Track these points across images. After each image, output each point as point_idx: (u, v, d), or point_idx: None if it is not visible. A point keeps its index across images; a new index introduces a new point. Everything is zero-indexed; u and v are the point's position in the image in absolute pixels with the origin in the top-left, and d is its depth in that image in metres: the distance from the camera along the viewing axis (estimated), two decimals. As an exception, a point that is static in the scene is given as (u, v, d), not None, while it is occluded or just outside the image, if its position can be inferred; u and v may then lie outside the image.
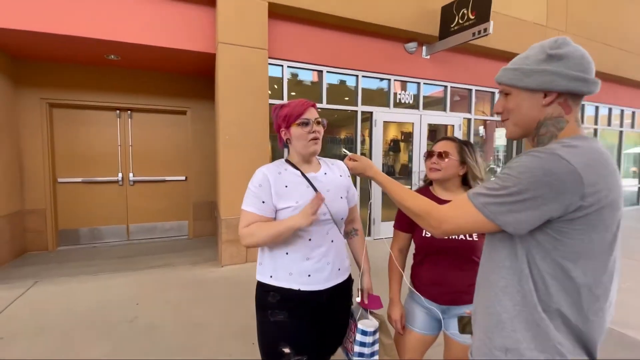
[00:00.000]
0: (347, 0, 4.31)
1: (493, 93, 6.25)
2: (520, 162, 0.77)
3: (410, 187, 1.13)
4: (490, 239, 0.90)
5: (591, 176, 0.71)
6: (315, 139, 1.30)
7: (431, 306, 1.44)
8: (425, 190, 1.53)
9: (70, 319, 2.69)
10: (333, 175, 1.41)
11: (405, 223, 1.51)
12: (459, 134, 5.89)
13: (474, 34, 4.47)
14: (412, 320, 1.49)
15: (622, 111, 8.38)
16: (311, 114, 1.31)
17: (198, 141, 5.21)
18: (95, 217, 4.89)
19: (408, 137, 5.74)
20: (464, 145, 1.44)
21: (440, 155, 1.43)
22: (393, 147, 5.83)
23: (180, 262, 4.08)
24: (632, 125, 8.71)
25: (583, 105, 7.08)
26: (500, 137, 6.58)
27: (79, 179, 4.78)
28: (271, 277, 1.29)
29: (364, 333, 1.31)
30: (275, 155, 4.59)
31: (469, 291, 1.39)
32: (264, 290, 1.31)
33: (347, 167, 1.26)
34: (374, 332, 1.34)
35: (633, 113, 8.60)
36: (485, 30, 4.32)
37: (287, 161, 1.37)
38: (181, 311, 2.86)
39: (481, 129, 6.13)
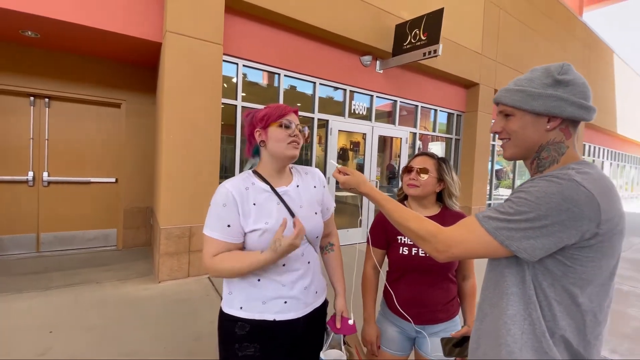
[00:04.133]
0: (308, 6, 4.24)
1: (436, 110, 6.70)
2: (538, 186, 0.74)
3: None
4: (495, 264, 0.87)
5: (606, 203, 0.71)
6: (296, 143, 1.16)
7: (407, 326, 1.39)
8: None
9: (-48, 358, 2.10)
10: (306, 186, 1.26)
11: (380, 239, 1.46)
12: (405, 147, 6.18)
13: (424, 54, 4.72)
14: (385, 340, 1.44)
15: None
16: (293, 119, 1.17)
17: (133, 139, 4.62)
18: (-6, 224, 4.02)
19: (356, 146, 5.86)
20: (441, 162, 1.44)
21: (419, 171, 1.40)
22: (342, 156, 5.89)
23: (106, 278, 3.52)
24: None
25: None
26: (431, 151, 7.04)
27: (-27, 177, 3.90)
28: (241, 308, 1.11)
29: None
30: (225, 159, 4.28)
31: (444, 309, 1.39)
32: (229, 321, 1.12)
33: (338, 182, 1.14)
34: None
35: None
36: (435, 51, 4.59)
37: (255, 173, 1.19)
38: (108, 339, 2.42)
39: (418, 143, 6.53)
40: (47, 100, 4.21)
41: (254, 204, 1.11)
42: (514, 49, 7.45)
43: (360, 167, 5.77)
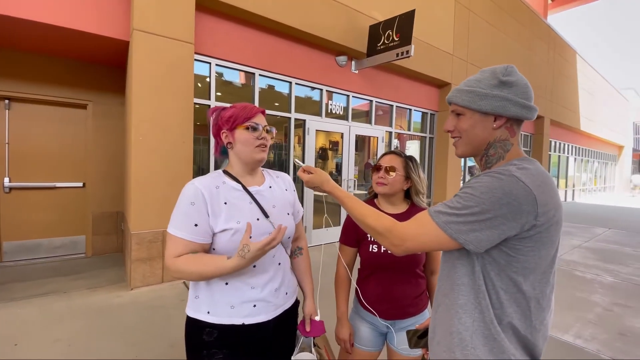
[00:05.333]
0: (282, 5, 4.22)
1: (410, 110, 6.84)
2: (482, 182, 0.78)
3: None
4: (448, 257, 0.91)
5: (543, 197, 0.76)
6: (263, 146, 1.15)
7: (378, 322, 1.42)
8: (371, 203, 1.52)
9: None
10: (278, 189, 1.26)
11: (351, 238, 1.48)
12: (382, 146, 6.27)
13: (397, 55, 4.81)
14: (358, 337, 1.46)
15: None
16: (260, 120, 1.16)
17: (101, 141, 4.45)
18: (-51, 234, 3.77)
19: (335, 145, 5.89)
20: (408, 161, 1.47)
21: (387, 170, 1.42)
22: (321, 155, 5.91)
23: (74, 287, 3.37)
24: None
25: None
26: (409, 149, 7.21)
27: None
28: (208, 313, 1.08)
29: None
30: (198, 160, 4.19)
31: (413, 304, 1.42)
32: (196, 327, 1.08)
33: (302, 180, 1.14)
34: None
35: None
36: (407, 52, 4.68)
37: (226, 172, 1.17)
38: (77, 350, 2.32)
39: (396, 142, 6.65)
40: (7, 102, 3.98)
41: (225, 203, 1.08)
42: (483, 49, 7.72)
43: (339, 166, 5.81)
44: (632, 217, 10.38)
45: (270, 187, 1.23)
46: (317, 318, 1.28)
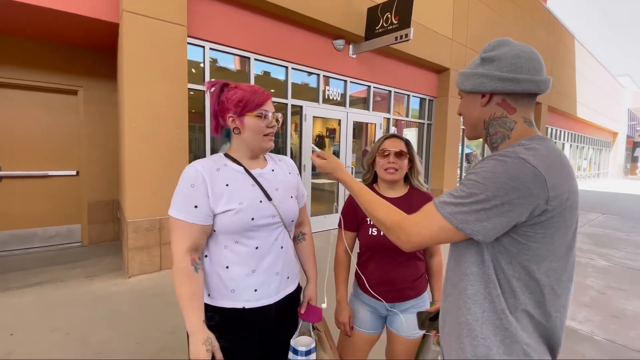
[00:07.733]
0: (277, -14, 4.08)
1: (409, 96, 6.76)
2: (486, 167, 0.74)
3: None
4: (456, 246, 0.88)
5: (554, 179, 0.70)
6: (272, 134, 1.13)
7: (378, 305, 1.42)
8: (370, 188, 1.49)
9: None
10: (281, 172, 1.24)
11: (351, 222, 1.47)
12: (380, 133, 6.21)
13: (396, 38, 4.71)
14: (358, 320, 1.47)
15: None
16: (270, 107, 1.12)
17: (93, 128, 4.35)
18: (-61, 224, 3.70)
19: (332, 133, 5.83)
20: (408, 142, 1.46)
21: (397, 155, 1.39)
22: (318, 143, 5.85)
23: (71, 276, 3.35)
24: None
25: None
26: (406, 137, 7.16)
27: None
28: (209, 295, 1.08)
29: (295, 352, 1.17)
30: (194, 148, 4.12)
31: (413, 286, 1.42)
32: None
33: (315, 165, 1.12)
34: (307, 353, 1.20)
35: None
36: (406, 35, 4.59)
37: (227, 155, 1.15)
38: (75, 339, 2.31)
39: (393, 129, 6.59)
40: (-7, 87, 3.85)
41: (227, 185, 1.07)
42: (482, 34, 7.59)
43: (336, 154, 5.77)
44: (625, 202, 10.52)
45: (272, 170, 1.21)
46: (324, 306, 1.27)
